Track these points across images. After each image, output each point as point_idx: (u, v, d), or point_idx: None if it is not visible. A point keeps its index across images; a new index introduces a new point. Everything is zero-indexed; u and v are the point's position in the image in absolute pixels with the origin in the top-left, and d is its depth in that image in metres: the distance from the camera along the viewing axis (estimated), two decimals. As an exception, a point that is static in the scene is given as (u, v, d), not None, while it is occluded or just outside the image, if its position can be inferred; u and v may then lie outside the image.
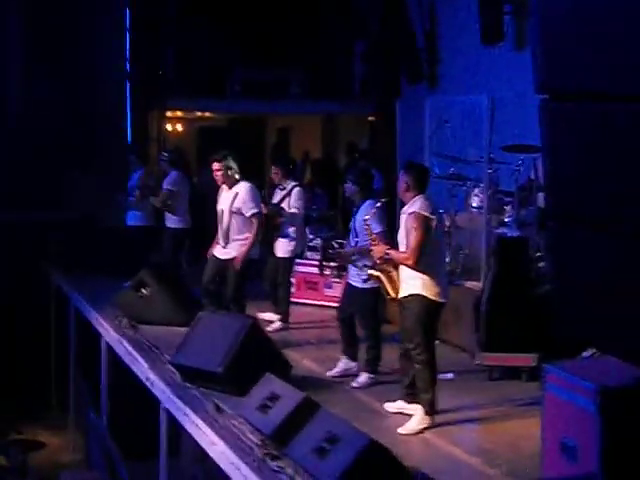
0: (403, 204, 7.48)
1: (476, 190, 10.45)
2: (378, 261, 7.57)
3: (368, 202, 8.25)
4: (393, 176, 10.17)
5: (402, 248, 7.27)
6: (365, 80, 17.27)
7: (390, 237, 7.81)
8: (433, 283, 7.16)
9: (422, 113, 10.81)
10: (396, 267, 7.45)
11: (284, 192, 10.38)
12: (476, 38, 12.74)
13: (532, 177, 10.02)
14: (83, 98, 15.87)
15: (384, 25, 15.21)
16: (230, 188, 9.60)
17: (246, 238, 9.51)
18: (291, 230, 10.31)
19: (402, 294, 7.32)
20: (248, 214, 9.48)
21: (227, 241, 9.56)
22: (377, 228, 7.90)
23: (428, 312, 7.18)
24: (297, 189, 10.41)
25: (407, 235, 7.17)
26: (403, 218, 7.30)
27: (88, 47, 16.13)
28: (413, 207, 7.19)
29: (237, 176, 9.61)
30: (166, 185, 11.83)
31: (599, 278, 6.68)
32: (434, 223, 7.18)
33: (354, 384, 8.23)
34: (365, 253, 8.05)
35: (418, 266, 7.12)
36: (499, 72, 12.54)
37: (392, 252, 7.37)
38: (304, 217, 10.86)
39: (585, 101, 6.34)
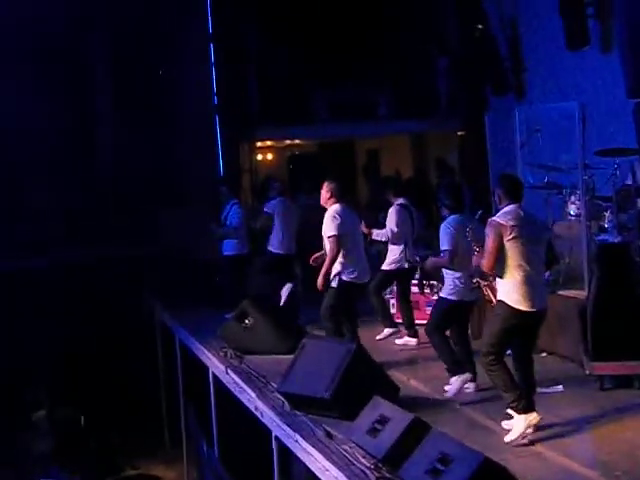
0: None
1: (573, 198, 10.30)
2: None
3: (451, 217, 8.43)
4: (485, 189, 10.13)
5: None
6: (451, 95, 17.22)
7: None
8: (514, 291, 7.13)
9: (511, 124, 10.74)
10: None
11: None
12: (561, 43, 12.60)
13: (629, 181, 9.83)
14: (174, 136, 16.19)
15: (465, 38, 15.15)
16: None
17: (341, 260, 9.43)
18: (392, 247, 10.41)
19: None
20: (325, 236, 9.43)
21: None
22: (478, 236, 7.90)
23: (505, 319, 7.17)
24: (392, 209, 10.46)
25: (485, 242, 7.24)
26: None
27: (175, 85, 16.47)
28: (496, 216, 7.23)
29: (332, 200, 9.59)
30: (266, 209, 12.00)
31: None
32: (510, 230, 7.11)
33: (447, 394, 8.27)
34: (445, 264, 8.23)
35: (492, 272, 7.19)
36: (586, 76, 12.37)
37: (475, 257, 7.46)
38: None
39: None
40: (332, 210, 9.45)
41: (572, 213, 10.26)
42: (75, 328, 14.98)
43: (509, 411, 7.13)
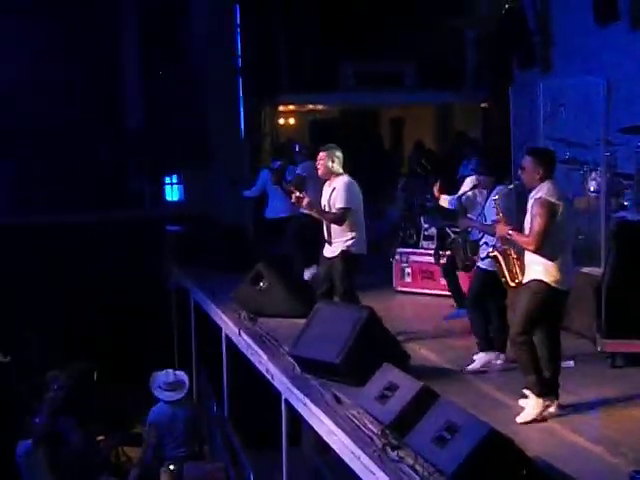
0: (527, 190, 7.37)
1: (593, 174, 10.24)
2: (500, 241, 7.52)
3: (498, 187, 8.26)
4: (507, 162, 10.06)
5: (527, 232, 7.20)
6: (477, 68, 17.11)
7: (517, 222, 7.69)
8: (556, 270, 7.00)
9: (536, 98, 10.65)
10: (519, 255, 7.38)
11: None
12: (590, 18, 12.47)
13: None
14: (196, 97, 16.19)
15: (494, 10, 15.02)
16: (330, 182, 9.32)
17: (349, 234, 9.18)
18: None
19: (525, 279, 7.22)
20: (337, 207, 9.09)
21: (330, 239, 9.26)
22: (504, 206, 7.83)
23: (542, 298, 7.05)
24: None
25: (532, 220, 7.08)
26: (530, 203, 7.21)
27: (199, 46, 16.46)
28: (540, 192, 7.07)
29: (339, 170, 9.28)
30: (299, 171, 11.84)
31: None
32: (560, 209, 7.04)
33: (468, 368, 8.24)
34: (491, 230, 7.99)
35: (540, 252, 7.01)
36: (614, 53, 12.24)
37: (514, 233, 7.26)
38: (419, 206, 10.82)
39: None
40: (345, 181, 9.23)
41: (592, 189, 10.21)
42: (92, 288, 15.12)
43: (525, 391, 7.11)
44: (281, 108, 17.74)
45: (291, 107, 18.63)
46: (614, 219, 9.37)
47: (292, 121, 19.38)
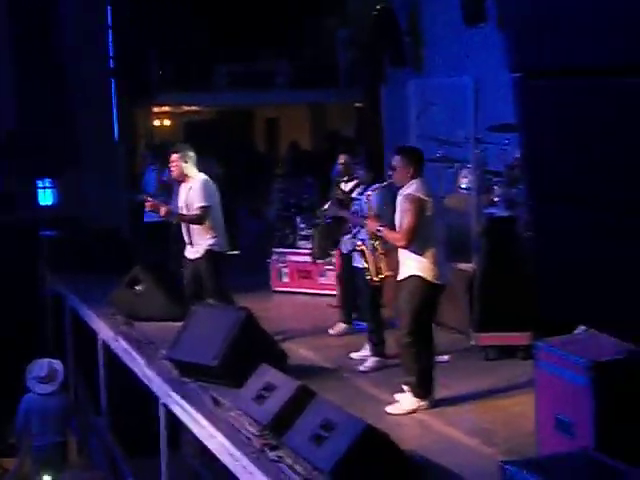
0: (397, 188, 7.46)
1: (464, 171, 10.45)
2: (370, 236, 7.59)
3: (375, 185, 8.28)
4: (381, 162, 10.18)
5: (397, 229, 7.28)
6: (350, 67, 17.26)
7: (391, 220, 7.78)
8: (430, 265, 7.12)
9: (407, 97, 10.79)
10: (387, 250, 7.47)
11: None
12: (458, 19, 12.71)
13: (519, 156, 10.00)
14: (69, 99, 15.90)
15: (365, 10, 15.18)
16: (186, 182, 9.25)
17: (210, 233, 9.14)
18: None
19: (401, 276, 7.30)
20: (195, 206, 9.04)
21: (191, 240, 9.20)
22: (377, 203, 7.91)
23: (423, 294, 7.13)
24: None
25: (401, 217, 7.18)
26: (398, 200, 7.30)
27: (72, 47, 16.17)
28: (409, 189, 7.18)
29: (193, 170, 9.22)
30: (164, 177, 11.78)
31: (582, 256, 6.70)
32: (429, 205, 7.15)
33: (362, 368, 8.28)
34: (362, 224, 8.06)
35: (411, 248, 7.10)
36: (483, 53, 12.50)
37: (385, 230, 7.34)
38: (295, 206, 10.83)
39: (561, 77, 6.36)
40: (201, 180, 9.19)
41: (463, 187, 10.42)
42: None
43: (404, 387, 7.20)
44: (155, 109, 17.57)
45: (165, 108, 18.48)
46: (484, 215, 9.58)
47: (167, 122, 19.23)
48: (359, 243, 7.84)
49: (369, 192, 8.00)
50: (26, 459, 10.99)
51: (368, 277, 7.70)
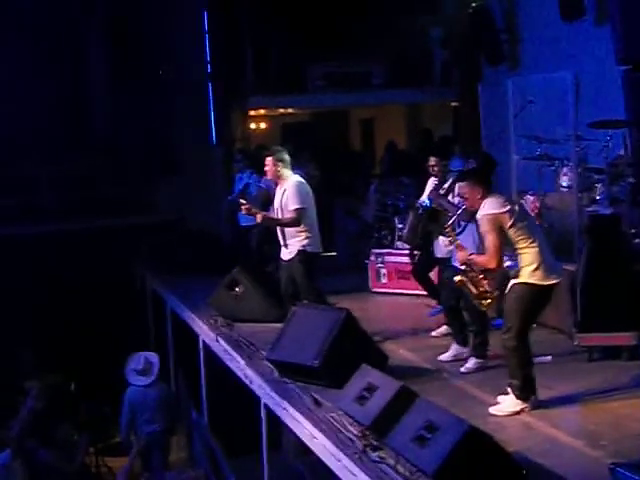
0: None
1: (565, 169, 10.28)
2: (462, 267, 7.50)
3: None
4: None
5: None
6: (445, 66, 17.15)
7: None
8: (534, 267, 7.02)
9: (505, 95, 10.68)
10: (484, 272, 7.36)
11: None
12: (556, 14, 12.53)
13: (622, 152, 9.81)
14: (166, 104, 16.14)
15: (461, 8, 15.08)
16: (281, 185, 9.35)
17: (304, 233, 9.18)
18: None
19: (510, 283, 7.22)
20: (290, 208, 9.12)
21: (285, 241, 9.29)
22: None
23: (531, 296, 7.05)
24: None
25: (484, 240, 7.13)
26: (478, 224, 7.26)
27: (168, 53, 16.41)
28: (482, 211, 7.11)
29: (287, 172, 9.31)
30: (262, 184, 11.89)
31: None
32: (509, 214, 7.02)
33: (463, 369, 8.20)
34: (464, 217, 7.95)
35: (501, 267, 7.07)
36: (581, 48, 12.31)
37: (474, 257, 7.32)
38: (392, 207, 10.80)
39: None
40: (295, 182, 9.25)
41: (564, 185, 10.25)
42: (67, 297, 14.97)
43: (509, 389, 7.11)
44: (252, 113, 17.70)
45: (262, 111, 18.60)
46: (586, 214, 9.41)
47: (263, 125, 19.36)
48: (457, 278, 7.64)
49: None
50: (136, 459, 11.24)
51: (478, 304, 7.56)
